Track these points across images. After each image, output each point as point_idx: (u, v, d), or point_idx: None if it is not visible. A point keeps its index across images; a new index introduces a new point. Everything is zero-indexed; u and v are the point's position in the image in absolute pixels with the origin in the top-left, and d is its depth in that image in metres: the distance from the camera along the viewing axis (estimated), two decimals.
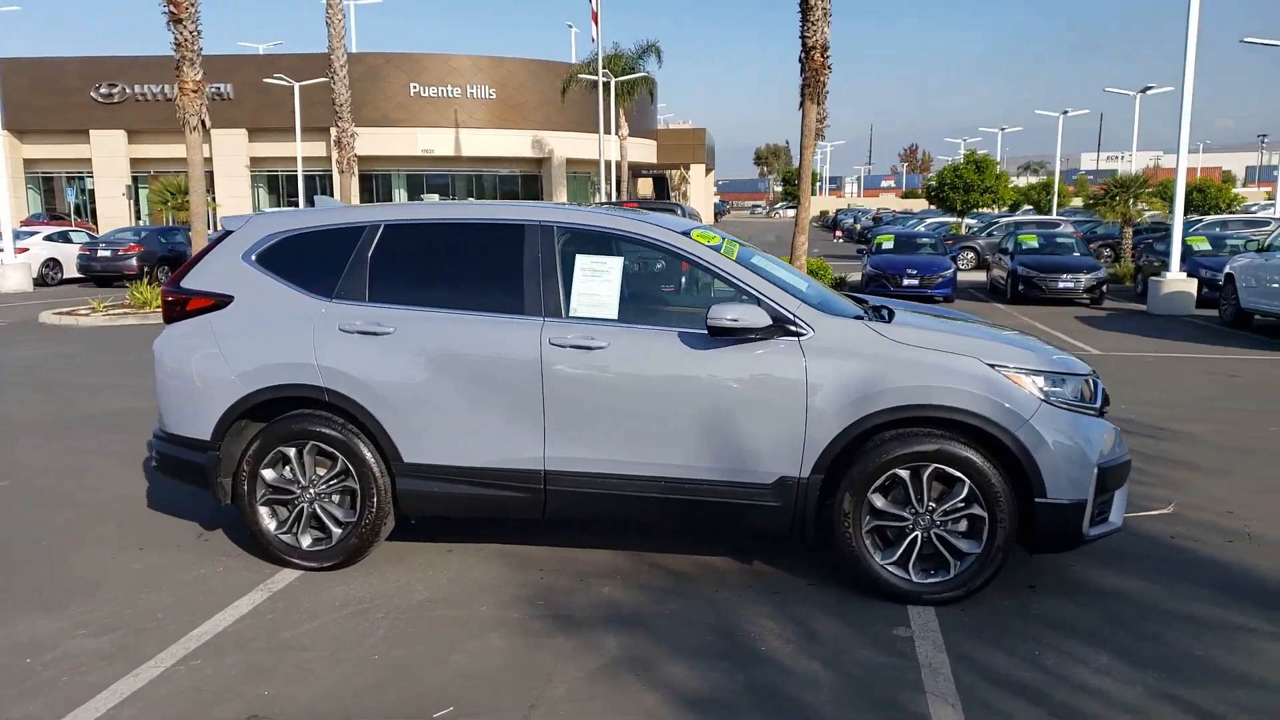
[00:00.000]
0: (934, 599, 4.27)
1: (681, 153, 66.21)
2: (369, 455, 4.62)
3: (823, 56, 15.41)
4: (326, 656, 3.87)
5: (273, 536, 4.76)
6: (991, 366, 4.24)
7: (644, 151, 56.66)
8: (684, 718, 3.41)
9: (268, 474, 4.74)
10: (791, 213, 39.44)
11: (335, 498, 4.74)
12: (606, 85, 37.35)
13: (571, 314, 4.55)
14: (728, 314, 4.26)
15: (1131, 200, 22.61)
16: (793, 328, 4.34)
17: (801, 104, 15.71)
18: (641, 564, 4.85)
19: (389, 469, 4.64)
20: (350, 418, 4.66)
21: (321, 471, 4.72)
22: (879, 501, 4.29)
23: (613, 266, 4.62)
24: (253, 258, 4.91)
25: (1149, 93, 40.37)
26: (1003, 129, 62.46)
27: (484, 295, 4.66)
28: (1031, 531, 4.24)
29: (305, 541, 4.75)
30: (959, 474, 4.19)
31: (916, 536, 4.29)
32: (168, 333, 4.98)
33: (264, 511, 4.77)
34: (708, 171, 70.96)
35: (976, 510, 4.21)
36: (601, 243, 4.73)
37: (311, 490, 4.72)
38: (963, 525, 4.26)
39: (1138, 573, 4.68)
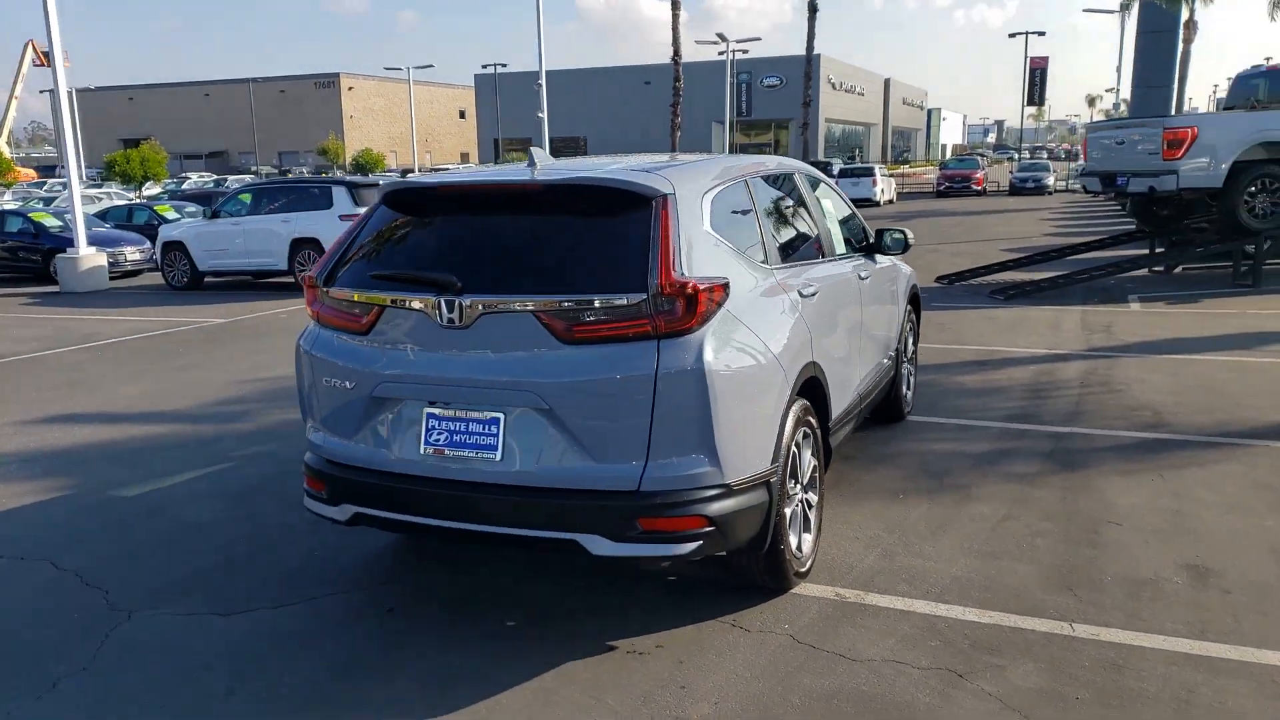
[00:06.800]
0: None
1: None
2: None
3: None
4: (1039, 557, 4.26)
5: (802, 553, 4.02)
6: None
7: None
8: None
9: (790, 483, 3.89)
10: None
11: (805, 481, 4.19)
12: None
13: (836, 252, 5.10)
14: (911, 236, 5.72)
15: None
16: None
17: None
18: None
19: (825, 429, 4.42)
20: (818, 388, 4.22)
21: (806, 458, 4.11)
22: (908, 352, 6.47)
23: (829, 208, 5.29)
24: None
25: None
26: None
27: (808, 241, 4.78)
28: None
29: (806, 545, 4.10)
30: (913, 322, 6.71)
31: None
32: (710, 338, 3.34)
33: (790, 530, 3.90)
34: None
35: (915, 345, 6.82)
36: (815, 185, 5.25)
37: (800, 483, 4.08)
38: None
39: None
